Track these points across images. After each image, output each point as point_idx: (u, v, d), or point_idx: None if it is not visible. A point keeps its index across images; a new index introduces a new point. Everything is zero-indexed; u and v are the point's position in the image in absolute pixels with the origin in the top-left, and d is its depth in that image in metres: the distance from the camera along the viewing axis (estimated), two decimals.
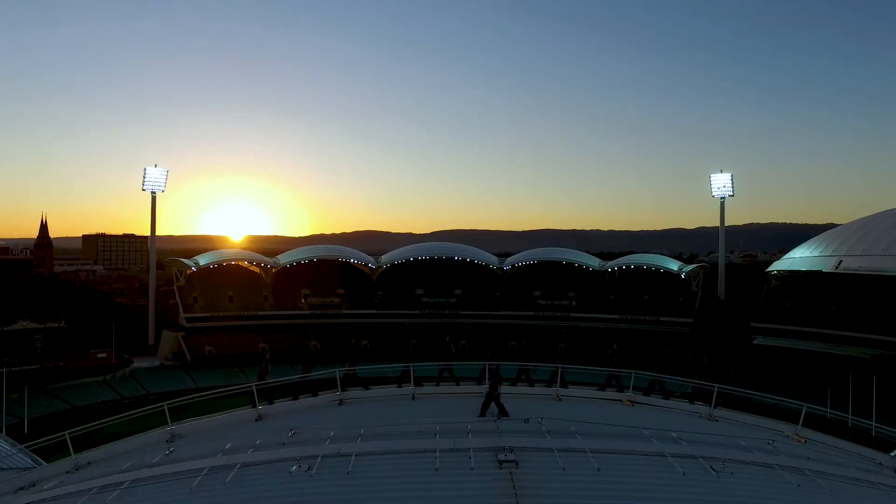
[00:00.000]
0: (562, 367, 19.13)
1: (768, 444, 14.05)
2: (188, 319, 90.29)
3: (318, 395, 19.00)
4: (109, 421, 17.40)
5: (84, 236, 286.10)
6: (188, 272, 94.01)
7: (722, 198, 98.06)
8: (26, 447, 18.64)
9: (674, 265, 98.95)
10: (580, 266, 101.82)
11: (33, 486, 13.70)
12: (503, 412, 15.14)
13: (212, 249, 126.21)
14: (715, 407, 17.75)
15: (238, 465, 11.85)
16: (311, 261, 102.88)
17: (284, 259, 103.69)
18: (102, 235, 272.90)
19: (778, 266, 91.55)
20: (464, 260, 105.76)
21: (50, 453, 18.77)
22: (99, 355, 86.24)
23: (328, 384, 19.60)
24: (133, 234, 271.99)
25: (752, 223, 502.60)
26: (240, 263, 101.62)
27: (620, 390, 19.40)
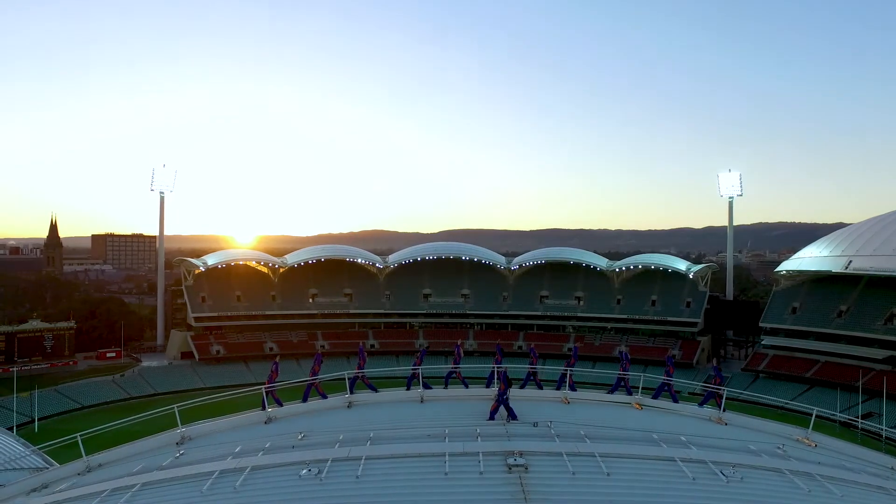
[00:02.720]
0: (570, 370, 19.05)
1: (778, 448, 13.99)
2: (196, 319, 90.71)
3: (327, 397, 19.04)
4: (120, 423, 17.49)
5: (93, 236, 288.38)
6: (196, 272, 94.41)
7: (730, 197, 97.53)
8: (40, 448, 18.80)
9: (682, 265, 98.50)
10: (588, 266, 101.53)
11: (46, 487, 13.81)
12: (512, 415, 15.13)
13: (220, 249, 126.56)
14: (724, 410, 17.69)
15: (248, 469, 11.89)
16: (318, 260, 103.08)
17: (292, 259, 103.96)
18: (111, 235, 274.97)
19: (787, 266, 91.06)
20: (471, 260, 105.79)
21: (61, 451, 18.90)
22: (108, 354, 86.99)
23: (337, 386, 19.69)
24: (142, 234, 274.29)
25: (761, 223, 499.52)
26: (247, 263, 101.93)
27: (629, 393, 19.31)
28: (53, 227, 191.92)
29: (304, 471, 11.53)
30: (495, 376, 18.11)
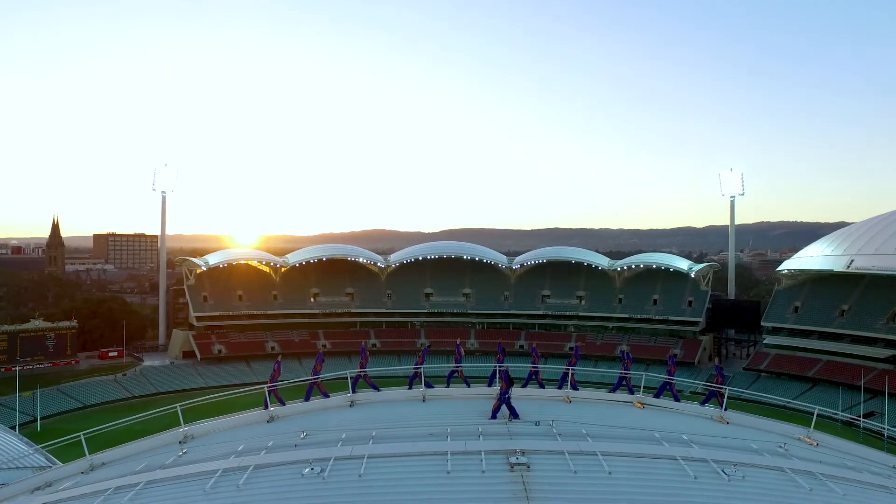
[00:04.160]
0: (572, 369, 19.07)
1: (780, 447, 13.98)
2: (198, 318, 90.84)
3: (329, 395, 19.06)
4: (123, 422, 17.53)
5: (95, 236, 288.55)
6: (198, 271, 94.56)
7: (732, 196, 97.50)
8: (43, 447, 18.82)
9: (683, 264, 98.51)
10: (589, 265, 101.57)
11: (49, 486, 13.85)
12: (514, 414, 15.16)
13: (221, 249, 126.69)
14: (725, 409, 17.69)
15: (251, 467, 11.92)
16: (319, 260, 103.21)
17: (293, 258, 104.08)
18: (113, 235, 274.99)
19: (789, 265, 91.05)
20: (472, 259, 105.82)
21: (64, 450, 18.93)
22: (110, 354, 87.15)
23: (339, 385, 19.68)
24: (143, 234, 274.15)
25: (763, 221, 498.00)
26: (249, 263, 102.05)
27: (631, 392, 19.33)
28: (55, 227, 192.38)
29: (307, 469, 11.56)
30: (497, 375, 18.13)
